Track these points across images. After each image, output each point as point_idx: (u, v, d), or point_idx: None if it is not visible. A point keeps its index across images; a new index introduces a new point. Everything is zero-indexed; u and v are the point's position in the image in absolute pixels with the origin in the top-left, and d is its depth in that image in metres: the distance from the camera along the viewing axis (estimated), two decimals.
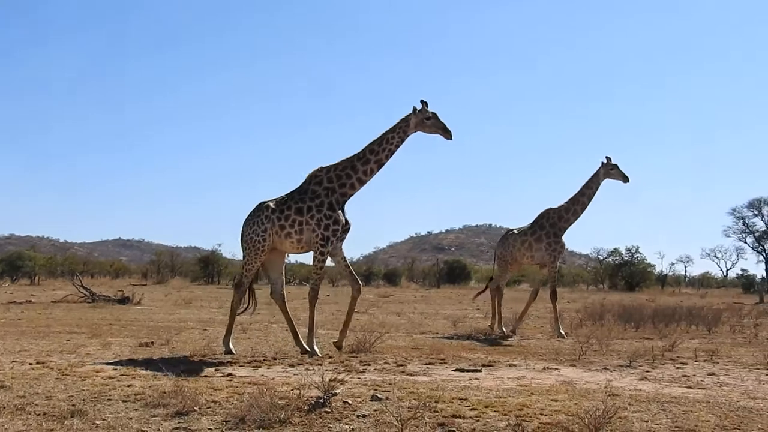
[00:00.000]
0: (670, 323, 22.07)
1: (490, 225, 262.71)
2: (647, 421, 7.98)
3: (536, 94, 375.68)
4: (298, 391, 8.68)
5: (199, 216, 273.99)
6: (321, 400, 8.28)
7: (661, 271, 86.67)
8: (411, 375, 11.37)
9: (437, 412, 8.11)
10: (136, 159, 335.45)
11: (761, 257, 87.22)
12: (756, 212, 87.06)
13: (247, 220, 14.77)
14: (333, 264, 15.29)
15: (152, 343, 15.16)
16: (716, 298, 49.21)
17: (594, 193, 20.25)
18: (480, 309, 31.04)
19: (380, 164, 14.43)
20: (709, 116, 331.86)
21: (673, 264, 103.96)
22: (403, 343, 16.14)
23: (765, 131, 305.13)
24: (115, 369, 11.42)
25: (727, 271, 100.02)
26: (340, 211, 14.25)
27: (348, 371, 11.34)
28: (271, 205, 14.49)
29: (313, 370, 11.58)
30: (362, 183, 14.46)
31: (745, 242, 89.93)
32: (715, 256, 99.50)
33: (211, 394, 9.13)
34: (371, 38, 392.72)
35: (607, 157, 20.14)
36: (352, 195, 14.49)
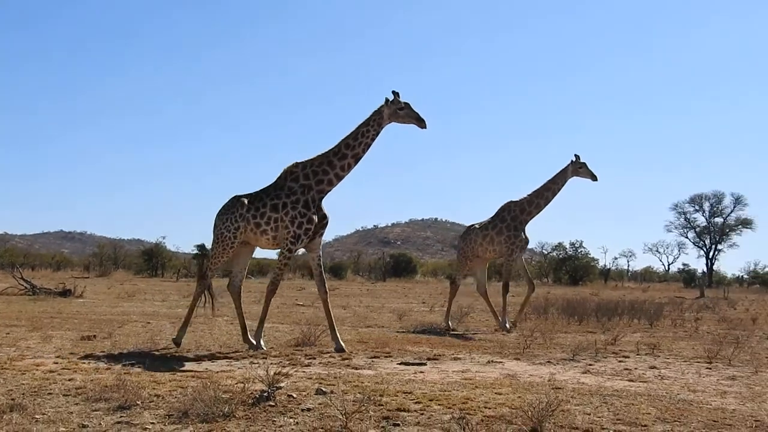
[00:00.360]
0: (612, 317, 22.38)
1: (436, 219, 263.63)
2: (589, 414, 8.06)
3: (485, 88, 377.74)
4: (242, 385, 8.63)
5: (142, 208, 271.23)
6: (265, 394, 8.23)
7: (605, 265, 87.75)
8: (356, 368, 11.37)
9: (382, 405, 8.11)
10: (79, 150, 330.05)
11: (702, 252, 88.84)
12: (697, 208, 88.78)
13: (220, 213, 14.53)
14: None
15: (94, 336, 14.95)
16: (658, 293, 50.03)
17: (559, 189, 20.23)
18: (425, 303, 31.11)
19: (357, 158, 14.28)
20: (652, 112, 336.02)
21: (616, 258, 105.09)
22: (348, 336, 16.12)
23: (707, 128, 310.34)
24: (56, 363, 11.24)
25: (668, 265, 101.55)
26: (314, 210, 14.11)
27: (293, 365, 11.28)
28: (246, 201, 14.26)
29: (257, 363, 11.52)
30: (340, 179, 14.30)
31: (687, 237, 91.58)
32: (657, 251, 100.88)
33: (154, 388, 9.03)
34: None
35: (575, 155, 20.13)
36: (329, 191, 14.33)
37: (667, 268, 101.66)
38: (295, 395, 8.57)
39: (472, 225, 21.03)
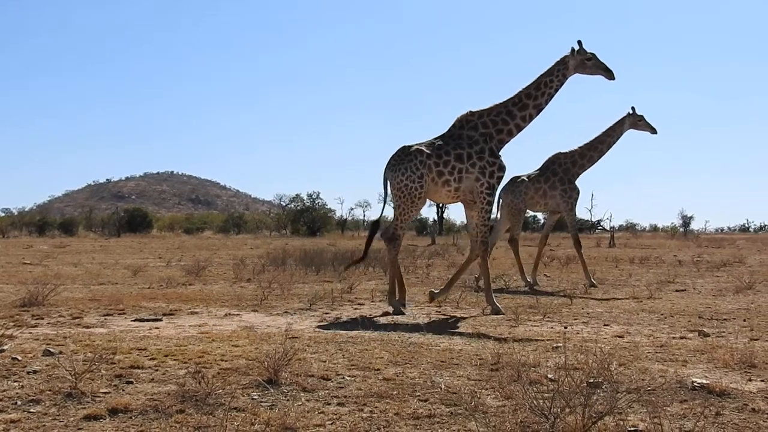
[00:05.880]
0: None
1: (173, 172, 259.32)
2: (325, 361, 8.20)
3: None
4: None
5: None
6: None
7: (342, 216, 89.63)
8: (87, 327, 10.95)
9: (114, 363, 7.84)
10: None
11: (432, 201, 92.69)
12: None
13: (393, 166, 13.67)
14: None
15: None
16: None
17: (614, 142, 19.60)
18: (162, 258, 30.48)
19: (539, 109, 13.83)
20: (393, 63, 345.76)
21: (352, 209, 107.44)
22: (80, 294, 15.50)
23: (442, 80, 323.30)
24: None
25: None
26: (501, 158, 13.65)
27: (18, 326, 10.69)
28: (425, 149, 13.47)
29: None
30: (519, 129, 13.84)
31: None
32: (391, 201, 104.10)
33: None
34: None
35: (632, 107, 19.51)
36: (508, 142, 13.84)
37: None
38: (20, 358, 8.11)
39: (518, 177, 19.96)
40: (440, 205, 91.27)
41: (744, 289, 16.74)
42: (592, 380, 6.76)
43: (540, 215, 60.94)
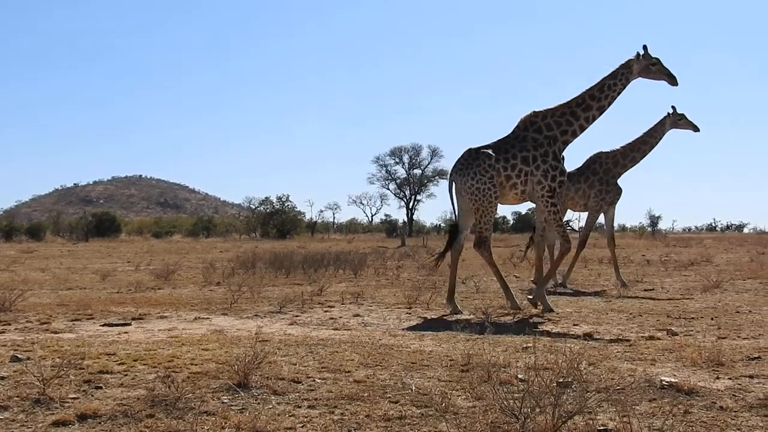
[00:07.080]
0: (319, 268, 22.90)
1: (141, 176, 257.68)
2: (296, 364, 8.19)
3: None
4: None
5: None
6: None
7: (311, 218, 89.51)
8: (56, 333, 10.87)
9: (83, 369, 7.78)
10: None
11: (402, 203, 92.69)
12: (397, 160, 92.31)
13: (461, 170, 13.78)
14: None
15: None
16: (362, 243, 51.76)
17: (657, 143, 19.46)
18: (130, 262, 30.27)
19: (602, 111, 14.00)
20: (358, 67, 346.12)
21: (322, 211, 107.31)
22: (47, 300, 15.35)
23: (407, 83, 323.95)
24: None
25: (372, 216, 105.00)
26: (563, 162, 13.87)
27: None
28: (492, 153, 13.58)
29: None
30: (583, 130, 14.00)
31: (388, 189, 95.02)
32: (361, 203, 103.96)
33: None
34: None
35: (672, 107, 19.32)
36: (571, 143, 13.99)
37: (370, 220, 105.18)
38: None
39: None
40: (410, 206, 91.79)
41: (711, 288, 16.88)
42: (561, 380, 6.80)
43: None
